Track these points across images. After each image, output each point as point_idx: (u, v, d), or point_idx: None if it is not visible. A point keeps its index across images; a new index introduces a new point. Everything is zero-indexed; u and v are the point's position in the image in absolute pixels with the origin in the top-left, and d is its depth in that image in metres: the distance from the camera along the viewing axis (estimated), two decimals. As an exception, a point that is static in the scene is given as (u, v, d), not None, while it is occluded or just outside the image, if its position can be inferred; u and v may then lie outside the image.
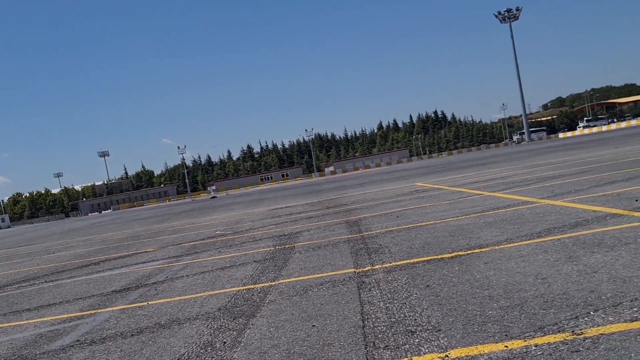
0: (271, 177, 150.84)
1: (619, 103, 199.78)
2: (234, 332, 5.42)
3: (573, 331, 4.02)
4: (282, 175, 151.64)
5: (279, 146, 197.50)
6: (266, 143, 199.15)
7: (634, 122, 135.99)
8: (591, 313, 4.31)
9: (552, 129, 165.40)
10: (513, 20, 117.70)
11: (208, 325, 5.86)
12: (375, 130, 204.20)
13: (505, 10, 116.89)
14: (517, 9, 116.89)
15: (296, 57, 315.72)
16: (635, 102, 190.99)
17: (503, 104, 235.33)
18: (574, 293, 4.89)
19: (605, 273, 5.34)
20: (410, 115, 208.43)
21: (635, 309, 4.24)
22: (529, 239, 7.68)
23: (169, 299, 7.62)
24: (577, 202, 10.46)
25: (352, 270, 7.54)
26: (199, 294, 7.60)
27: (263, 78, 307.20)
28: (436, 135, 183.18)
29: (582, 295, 4.78)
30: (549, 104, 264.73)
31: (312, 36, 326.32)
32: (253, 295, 7.00)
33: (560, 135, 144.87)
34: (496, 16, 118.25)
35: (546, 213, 9.81)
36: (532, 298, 4.96)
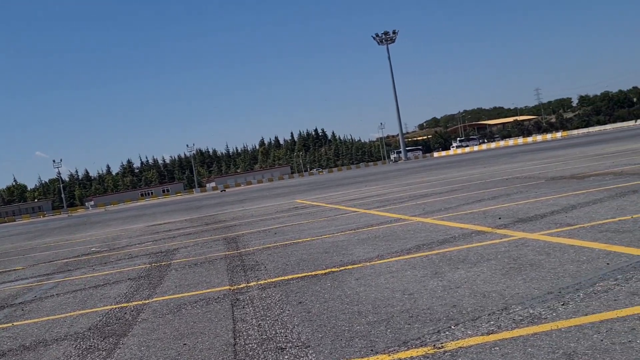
0: (152, 193, 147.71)
1: (489, 124, 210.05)
2: (104, 352, 5.27)
3: (434, 345, 4.18)
4: (163, 191, 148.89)
5: (160, 161, 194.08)
6: (146, 158, 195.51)
7: (502, 143, 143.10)
8: (452, 327, 4.50)
9: (427, 148, 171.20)
10: (390, 43, 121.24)
11: (77, 345, 5.66)
12: (257, 147, 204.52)
13: (382, 33, 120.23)
14: (394, 32, 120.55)
15: (178, 72, 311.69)
16: (503, 123, 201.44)
17: (381, 124, 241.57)
18: (437, 308, 5.09)
19: (468, 288, 5.59)
20: (292, 133, 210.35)
21: (492, 322, 4.46)
22: (399, 256, 7.92)
23: (36, 320, 7.30)
24: (446, 220, 10.89)
25: (227, 287, 7.51)
26: (69, 314, 7.33)
27: (143, 92, 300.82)
28: (317, 152, 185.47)
29: (445, 310, 4.98)
30: (424, 124, 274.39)
31: (194, 52, 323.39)
32: (125, 314, 6.83)
33: (435, 154, 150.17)
34: (374, 38, 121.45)
35: (417, 230, 10.15)
36: (398, 313, 5.12)
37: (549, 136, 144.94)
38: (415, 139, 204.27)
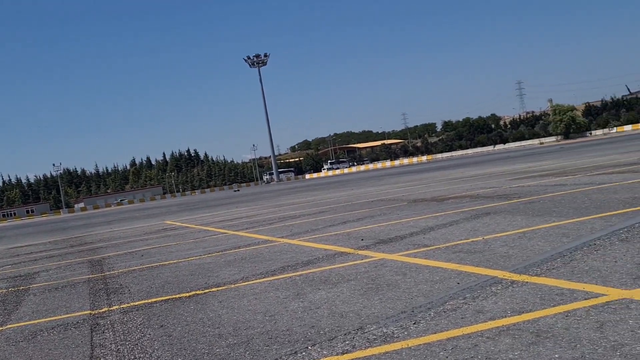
0: (14, 213, 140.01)
1: (359, 148, 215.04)
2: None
3: (291, 365, 4.27)
4: (27, 212, 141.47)
5: (24, 180, 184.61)
6: (9, 177, 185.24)
7: (371, 166, 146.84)
8: (309, 348, 4.60)
9: (299, 170, 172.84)
10: (262, 65, 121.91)
11: None
12: (128, 167, 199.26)
13: (254, 56, 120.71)
14: (265, 55, 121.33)
15: (42, 86, 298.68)
16: (372, 147, 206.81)
17: (254, 145, 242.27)
18: (296, 329, 5.18)
19: (327, 309, 5.72)
20: (164, 153, 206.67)
21: (347, 342, 4.59)
22: (264, 277, 7.98)
23: None
24: (312, 241, 11.07)
25: (88, 312, 7.28)
26: None
27: (6, 108, 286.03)
28: (189, 173, 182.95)
29: (304, 331, 5.07)
30: (296, 146, 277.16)
31: (62, 68, 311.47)
32: (-28, 343, 6.45)
33: (307, 176, 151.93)
34: (245, 60, 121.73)
35: (283, 252, 10.25)
36: (258, 335, 5.16)
37: (415, 160, 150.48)
38: (287, 160, 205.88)
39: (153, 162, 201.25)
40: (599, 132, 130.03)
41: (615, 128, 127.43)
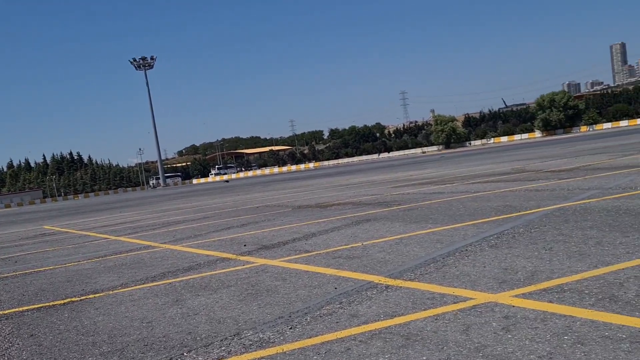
0: None
1: (247, 153, 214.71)
2: None
3: (165, 372, 4.22)
4: None
5: None
6: None
7: (259, 172, 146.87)
8: (185, 354, 4.56)
9: (187, 174, 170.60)
10: (148, 68, 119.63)
11: None
12: (5, 169, 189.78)
13: (140, 58, 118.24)
14: (152, 58, 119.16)
15: None
16: (260, 153, 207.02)
17: (140, 149, 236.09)
18: (173, 335, 5.12)
19: (205, 315, 5.69)
20: (44, 155, 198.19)
21: (223, 347, 4.59)
22: (144, 283, 7.83)
23: None
24: (194, 247, 10.96)
25: (-50, 322, 6.89)
26: None
27: None
28: (72, 176, 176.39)
29: (180, 337, 5.03)
30: (183, 151, 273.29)
31: None
32: None
33: (195, 181, 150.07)
34: (132, 62, 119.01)
35: (164, 257, 10.10)
36: (134, 342, 5.07)
37: (302, 166, 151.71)
38: (174, 165, 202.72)
39: (32, 165, 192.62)
40: (477, 142, 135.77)
41: (492, 139, 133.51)
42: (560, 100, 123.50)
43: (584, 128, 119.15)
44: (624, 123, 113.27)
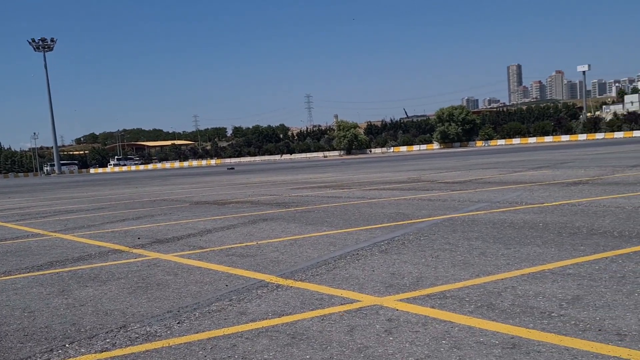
0: None
1: (148, 146, 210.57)
2: None
3: (46, 363, 4.14)
4: None
5: None
6: None
7: (159, 165, 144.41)
8: (67, 345, 4.48)
9: (84, 163, 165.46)
10: (47, 50, 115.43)
11: None
12: None
13: (40, 39, 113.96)
14: (52, 40, 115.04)
15: None
16: (162, 146, 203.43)
17: (34, 134, 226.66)
18: (56, 326, 5.01)
19: (92, 306, 5.59)
20: None
21: (108, 340, 4.54)
22: (29, 272, 7.60)
23: None
24: (86, 237, 10.70)
25: None
26: None
27: None
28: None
29: (64, 328, 4.93)
30: (82, 139, 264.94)
31: None
32: None
33: (92, 170, 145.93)
34: (30, 43, 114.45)
35: (54, 246, 9.81)
36: (13, 332, 4.93)
37: (204, 162, 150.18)
38: (71, 153, 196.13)
39: None
40: (378, 150, 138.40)
41: (392, 148, 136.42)
42: (458, 115, 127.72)
43: (479, 143, 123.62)
44: (516, 140, 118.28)
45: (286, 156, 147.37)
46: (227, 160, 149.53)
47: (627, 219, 8.71)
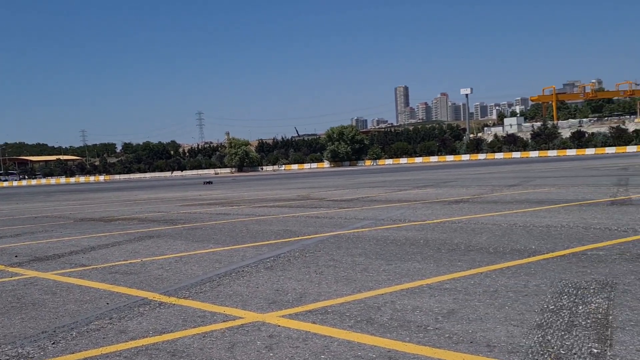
0: None
1: (31, 160, 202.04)
2: None
3: None
4: None
5: None
6: None
7: (44, 181, 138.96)
8: None
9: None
10: None
11: None
12: None
13: None
14: None
15: None
16: (46, 161, 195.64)
17: None
18: None
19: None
20: None
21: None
22: None
23: None
24: (-43, 256, 10.16)
25: None
26: None
27: None
28: None
29: None
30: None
31: None
32: None
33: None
34: None
35: None
36: None
37: (92, 178, 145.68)
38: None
39: None
40: (269, 168, 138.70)
41: (283, 166, 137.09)
42: (348, 134, 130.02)
43: (368, 162, 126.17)
44: (403, 160, 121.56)
45: (177, 173, 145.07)
46: (117, 177, 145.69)
47: (503, 235, 9.15)
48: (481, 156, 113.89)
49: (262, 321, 5.07)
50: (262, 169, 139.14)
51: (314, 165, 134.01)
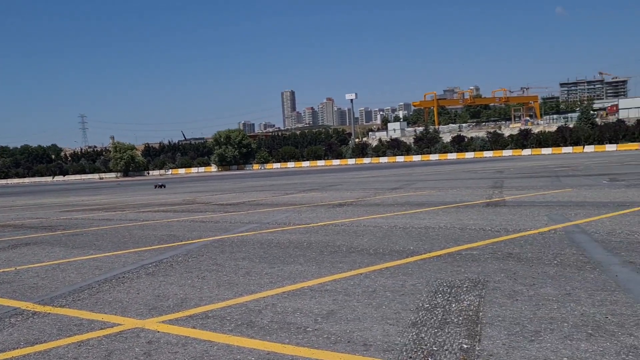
0: None
1: None
2: None
3: None
4: None
5: None
6: None
7: None
8: None
9: None
10: None
11: None
12: None
13: None
14: None
15: None
16: None
17: None
18: None
19: None
20: None
21: None
22: None
23: None
24: None
25: None
26: None
27: None
28: None
29: None
30: None
31: None
32: None
33: None
34: None
35: None
36: None
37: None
38: None
39: None
40: (156, 172, 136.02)
41: (170, 170, 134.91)
42: (235, 138, 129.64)
43: (256, 166, 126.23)
44: (291, 164, 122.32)
45: (59, 178, 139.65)
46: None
47: (383, 237, 9.40)
48: (366, 160, 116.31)
49: (142, 327, 4.99)
50: (148, 173, 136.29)
51: (202, 169, 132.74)
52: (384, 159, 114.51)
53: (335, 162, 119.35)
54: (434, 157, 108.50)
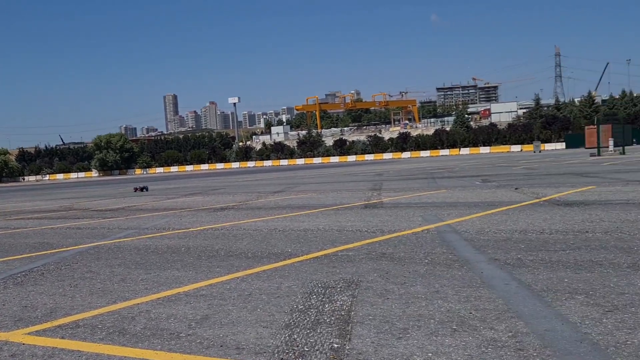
0: None
1: None
2: None
3: None
4: None
5: None
6: None
7: None
8: None
9: None
10: None
11: None
12: None
13: None
14: None
15: None
16: None
17: None
18: None
19: None
20: None
21: None
22: None
23: None
24: None
25: None
26: None
27: None
28: None
29: None
30: None
31: None
32: None
33: None
34: None
35: None
36: None
37: None
38: None
39: None
40: (32, 178, 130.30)
41: (48, 175, 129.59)
42: (116, 142, 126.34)
43: (138, 171, 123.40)
44: (174, 168, 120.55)
45: None
46: None
47: (262, 240, 9.45)
48: (250, 164, 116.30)
49: (5, 340, 4.79)
50: (23, 179, 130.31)
51: (82, 174, 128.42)
52: (268, 163, 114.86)
53: (219, 165, 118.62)
54: (317, 160, 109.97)
